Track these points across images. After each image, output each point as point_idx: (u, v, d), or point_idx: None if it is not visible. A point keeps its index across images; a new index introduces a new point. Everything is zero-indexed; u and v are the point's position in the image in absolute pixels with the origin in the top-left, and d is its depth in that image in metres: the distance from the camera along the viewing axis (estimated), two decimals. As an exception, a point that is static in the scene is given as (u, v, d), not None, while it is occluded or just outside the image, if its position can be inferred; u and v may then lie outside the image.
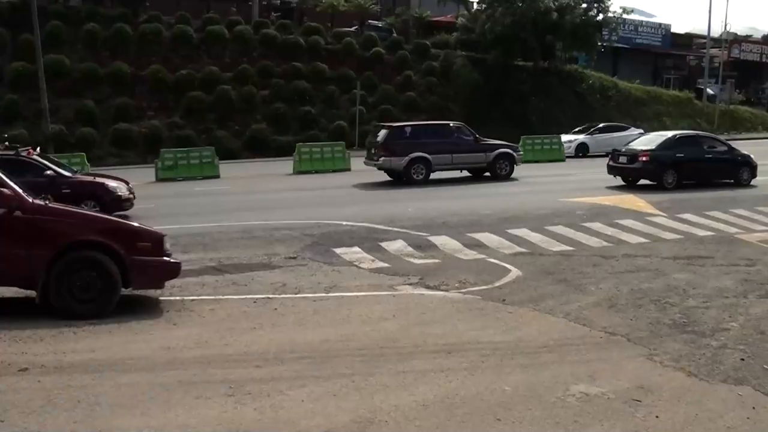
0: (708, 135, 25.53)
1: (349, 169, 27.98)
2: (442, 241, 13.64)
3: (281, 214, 16.74)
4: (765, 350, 7.89)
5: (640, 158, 21.05)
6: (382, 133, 23.80)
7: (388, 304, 9.50)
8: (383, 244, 13.36)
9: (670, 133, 23.33)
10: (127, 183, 17.48)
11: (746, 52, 64.95)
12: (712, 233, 14.61)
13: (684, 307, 9.48)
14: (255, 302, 9.55)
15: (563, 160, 31.50)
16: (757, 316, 9.18)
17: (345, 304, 9.50)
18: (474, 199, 19.11)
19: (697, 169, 21.32)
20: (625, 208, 17.34)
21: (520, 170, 25.72)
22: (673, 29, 62.12)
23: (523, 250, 12.97)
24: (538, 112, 41.03)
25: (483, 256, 12.53)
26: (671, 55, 61.36)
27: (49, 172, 15.86)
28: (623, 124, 36.83)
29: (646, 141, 22.69)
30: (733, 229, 15.01)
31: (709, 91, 52.34)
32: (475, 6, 48.70)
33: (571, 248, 13.12)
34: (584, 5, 43.58)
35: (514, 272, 11.27)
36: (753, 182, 21.64)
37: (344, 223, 15.48)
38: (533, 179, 24.14)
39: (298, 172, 27.44)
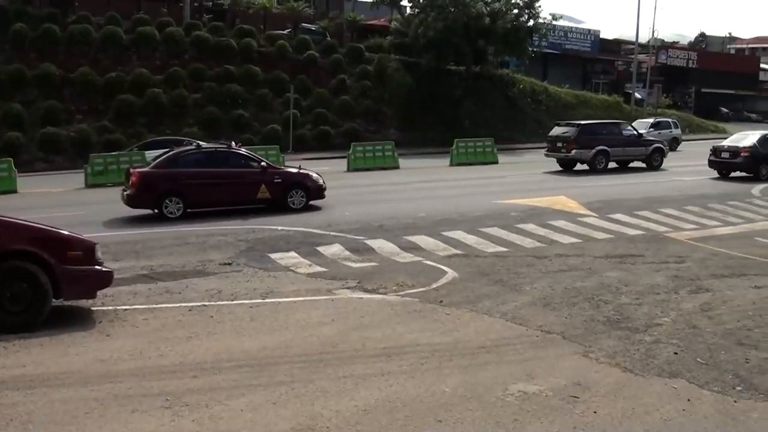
0: None
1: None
2: (379, 244, 13.65)
3: (215, 220, 16.48)
4: (697, 344, 8.16)
5: (741, 154, 24.25)
6: (572, 129, 27.39)
7: (326, 309, 9.45)
8: (320, 249, 13.28)
9: (758, 133, 26.02)
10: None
11: (673, 58, 67.31)
12: (643, 232, 15.01)
13: (617, 304, 9.72)
14: (190, 310, 9.38)
15: (496, 162, 31.94)
16: (689, 311, 9.49)
17: (282, 310, 9.41)
18: (409, 202, 19.19)
19: None
20: (557, 209, 17.68)
21: (454, 172, 26.03)
22: (602, 35, 64.00)
23: (458, 251, 13.08)
24: (470, 116, 41.51)
25: (419, 258, 12.59)
26: (600, 61, 63.04)
27: (263, 163, 17.94)
28: None
29: (738, 139, 26.02)
30: (663, 228, 15.45)
31: (637, 95, 53.99)
32: (408, 10, 49.02)
33: (506, 249, 13.29)
34: (515, 11, 44.31)
35: (451, 274, 11.36)
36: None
37: (279, 227, 15.35)
38: (467, 182, 24.41)
39: (231, 176, 27.08)
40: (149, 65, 37.08)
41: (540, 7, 45.26)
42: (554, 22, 49.62)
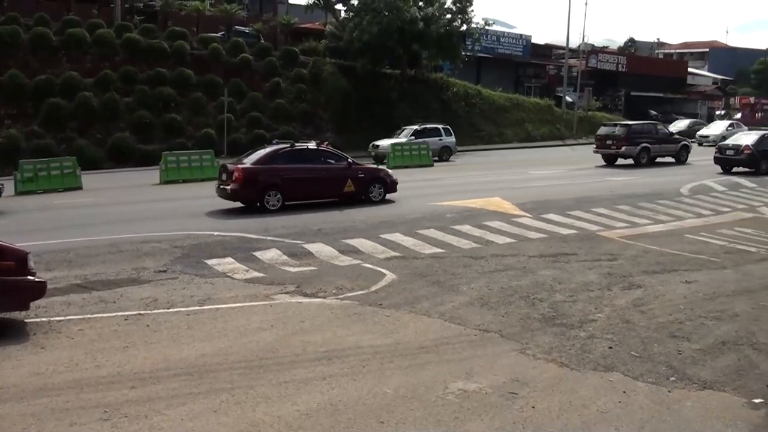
0: None
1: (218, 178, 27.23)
2: (317, 248, 13.61)
3: (149, 226, 16.15)
4: (631, 338, 8.43)
5: (744, 152, 27.21)
6: (621, 129, 31.41)
7: (265, 315, 9.40)
8: (257, 254, 13.17)
9: (756, 133, 29.35)
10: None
11: (603, 62, 68.91)
12: (575, 231, 15.36)
13: (552, 301, 9.95)
14: (126, 320, 9.19)
15: (431, 165, 32.24)
16: (621, 306, 9.78)
17: (220, 317, 9.31)
18: (347, 205, 19.18)
19: None
20: (492, 210, 17.93)
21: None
22: (534, 40, 65.06)
23: (396, 254, 13.16)
24: (405, 119, 41.64)
25: (358, 261, 12.61)
26: (532, 65, 64.09)
27: (349, 160, 19.68)
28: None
29: (739, 138, 29.18)
30: (595, 227, 15.84)
31: (568, 98, 55.09)
32: (343, 14, 49.00)
33: (443, 250, 13.43)
34: (449, 16, 44.72)
35: (390, 276, 11.43)
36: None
37: (215, 233, 15.14)
38: (403, 184, 24.39)
39: (165, 181, 26.57)
40: (80, 68, 36.05)
41: (472, 12, 45.77)
42: (487, 27, 50.32)
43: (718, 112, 78.49)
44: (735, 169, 27.45)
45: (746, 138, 28.46)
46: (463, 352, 7.90)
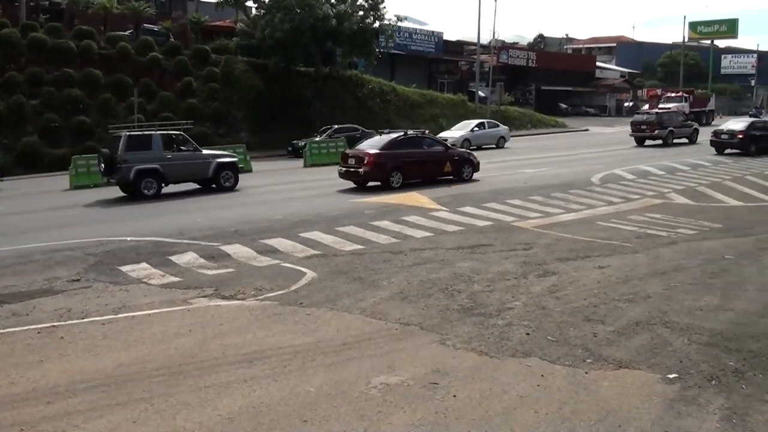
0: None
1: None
2: (234, 249, 13.41)
3: (60, 234, 15.59)
4: (547, 323, 8.65)
5: (738, 136, 30.95)
6: (652, 116, 39.00)
7: (183, 320, 9.19)
8: (173, 258, 12.86)
9: (746, 120, 34.92)
10: None
11: (513, 58, 70.58)
12: (491, 223, 15.64)
13: (470, 292, 10.10)
14: (39, 332, 8.82)
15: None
16: (538, 293, 10.02)
17: (137, 325, 9.05)
18: (265, 205, 19.03)
19: (764, 138, 31.16)
20: (409, 205, 18.07)
21: (309, 173, 26.02)
22: (446, 37, 66.04)
23: (316, 252, 13.10)
24: (321, 116, 41.61)
25: (277, 261, 12.49)
26: (444, 61, 65.03)
27: (447, 144, 24.58)
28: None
29: (732, 124, 32.84)
30: (510, 218, 16.16)
31: (481, 93, 56.11)
32: (254, 11, 48.42)
33: (363, 247, 13.46)
34: (361, 13, 44.83)
35: (310, 275, 11.36)
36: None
37: (129, 238, 14.71)
38: (322, 182, 24.48)
39: (75, 187, 25.71)
40: (-17, 70, 34.56)
41: (385, 9, 46.08)
42: (399, 24, 50.70)
43: (626, 104, 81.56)
44: (727, 151, 31.39)
45: (738, 125, 32.42)
46: (385, 347, 7.93)
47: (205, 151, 23.38)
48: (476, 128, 40.26)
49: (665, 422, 6.04)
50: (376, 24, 45.98)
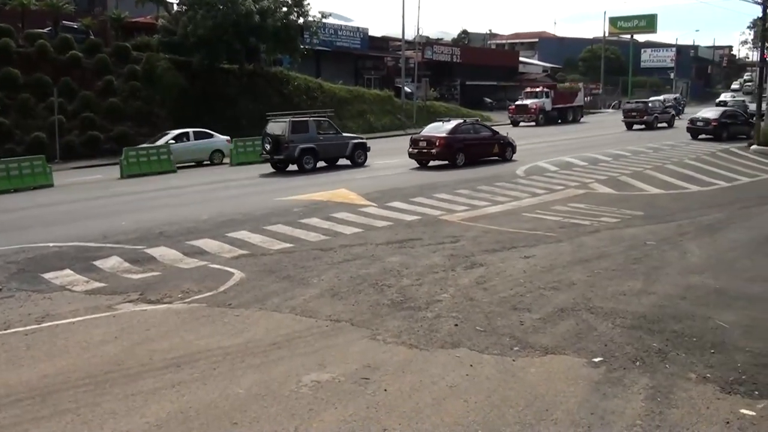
0: (738, 108, 42.82)
1: (51, 185, 25.68)
2: (160, 252, 13.13)
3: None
4: (475, 314, 8.78)
5: (712, 123, 34.54)
6: (641, 105, 46.16)
7: (108, 326, 8.95)
8: (97, 263, 12.48)
9: (720, 109, 39.76)
10: None
11: (438, 54, 71.13)
12: (419, 217, 15.76)
13: (400, 286, 10.17)
14: (-44, 346, 8.45)
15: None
16: (465, 285, 10.16)
17: (61, 334, 8.76)
18: (191, 205, 18.69)
19: (734, 125, 34.80)
20: (338, 201, 18.05)
21: (236, 172, 25.64)
22: (371, 33, 65.90)
23: (244, 252, 12.95)
24: (247, 114, 41.07)
25: (205, 262, 12.29)
26: (370, 57, 65.03)
27: (493, 129, 28.87)
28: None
29: (707, 112, 36.99)
30: (437, 212, 16.33)
31: (407, 89, 56.27)
32: (176, 7, 47.40)
33: (292, 245, 13.37)
34: (284, 9, 44.38)
35: (238, 275, 11.23)
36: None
37: (51, 244, 14.19)
38: (249, 181, 24.26)
39: (-10, 193, 24.70)
40: None
41: (308, 5, 45.75)
42: (324, 20, 50.47)
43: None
44: (701, 137, 34.73)
45: (712, 114, 36.34)
46: (315, 344, 7.91)
47: (344, 134, 28.84)
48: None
49: (591, 404, 6.21)
50: (301, 20, 45.61)
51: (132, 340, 8.39)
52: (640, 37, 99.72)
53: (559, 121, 53.96)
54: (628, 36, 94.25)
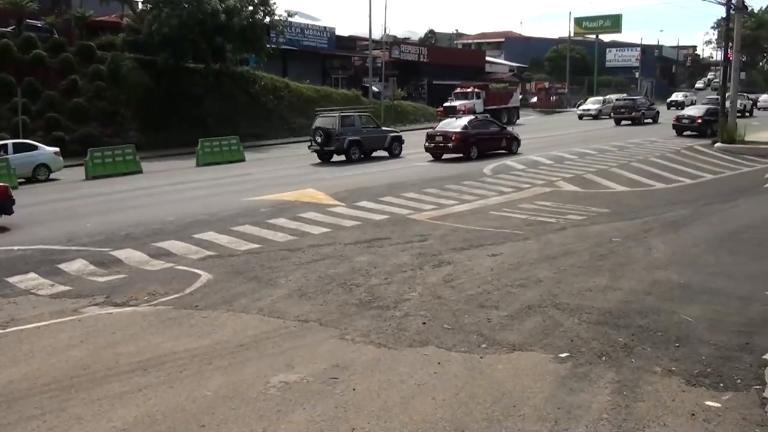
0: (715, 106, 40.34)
1: (16, 187, 25.13)
2: (126, 254, 12.97)
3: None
4: (443, 312, 8.84)
5: (697, 120, 35.52)
6: (630, 102, 49.02)
7: (74, 330, 8.84)
8: (62, 266, 12.30)
9: (705, 106, 39.98)
10: None
11: (405, 53, 71.15)
12: (388, 216, 15.78)
13: (368, 286, 10.18)
14: None
15: (243, 160, 31.76)
16: (433, 283, 10.20)
17: (26, 338, 8.63)
18: (156, 207, 18.50)
19: (716, 122, 33.46)
20: (306, 201, 17.99)
21: (202, 173, 25.41)
22: (338, 32, 65.72)
23: (211, 253, 12.85)
24: (213, 114, 40.78)
25: (171, 264, 12.18)
26: (337, 56, 64.85)
27: (502, 124, 32.00)
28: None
29: (691, 109, 39.61)
30: (406, 211, 16.35)
31: (374, 88, 56.28)
32: (141, 6, 46.87)
33: (259, 245, 13.30)
34: (250, 8, 44.10)
35: (205, 276, 11.15)
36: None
37: (16, 247, 13.94)
38: (215, 181, 24.05)
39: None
40: None
41: (275, 4, 45.56)
42: (290, 19, 50.28)
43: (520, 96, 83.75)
44: (686, 133, 35.37)
45: (696, 111, 37.86)
46: (284, 345, 7.89)
47: (383, 128, 31.72)
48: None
49: (558, 399, 6.28)
50: (267, 19, 45.40)
51: (98, 343, 8.29)
52: (605, 37, 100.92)
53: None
54: (594, 36, 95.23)
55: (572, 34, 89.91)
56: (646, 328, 8.10)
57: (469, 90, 52.90)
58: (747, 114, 53.06)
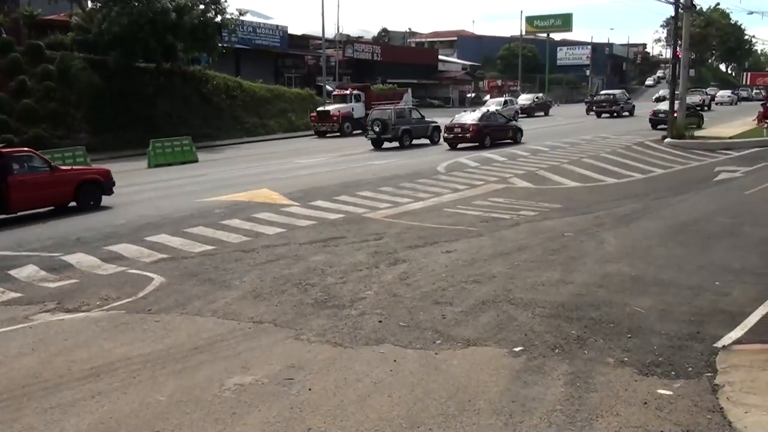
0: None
1: (196, 161, 24.46)
2: (77, 259, 12.73)
3: None
4: (399, 310, 8.88)
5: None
6: (610, 97, 54.05)
7: (24, 338, 8.65)
8: (12, 272, 12.01)
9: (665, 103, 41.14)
10: None
11: (359, 52, 71.32)
12: (343, 215, 15.76)
13: (324, 285, 10.17)
14: None
15: (196, 161, 31.40)
16: (389, 281, 10.24)
17: (-25, 348, 8.42)
18: (107, 210, 18.19)
19: (688, 116, 35.02)
20: (260, 201, 17.85)
21: (153, 174, 25.03)
22: (291, 31, 65.40)
23: (164, 256, 12.69)
24: (165, 115, 40.25)
25: (123, 268, 11.99)
26: (290, 55, 64.57)
27: (507, 117, 36.01)
28: None
29: (663, 105, 39.45)
30: (361, 210, 16.35)
31: (328, 87, 56.14)
32: (90, 4, 45.99)
33: (213, 247, 13.18)
34: (201, 6, 43.60)
35: (158, 280, 11.01)
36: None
37: (-38, 254, 13.63)
38: (167, 182, 23.73)
39: None
40: None
41: (226, 2, 45.10)
42: (242, 18, 49.90)
43: (468, 95, 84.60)
44: (660, 126, 36.29)
45: (663, 106, 38.45)
46: (238, 347, 7.84)
47: (426, 119, 35.61)
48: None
49: (513, 392, 6.37)
50: (218, 18, 44.93)
51: (50, 351, 8.14)
52: (556, 36, 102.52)
53: None
54: (545, 34, 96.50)
55: (524, 33, 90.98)
56: (598, 320, 8.26)
57: (347, 91, 47.17)
58: (706, 108, 55.34)
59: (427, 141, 34.32)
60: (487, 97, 68.65)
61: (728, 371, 6.68)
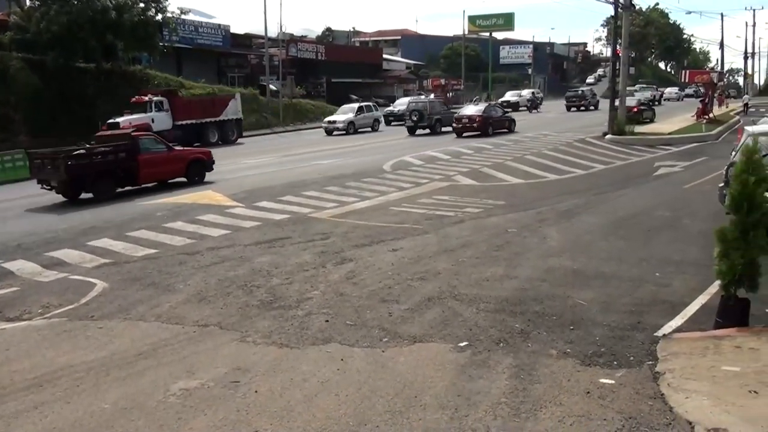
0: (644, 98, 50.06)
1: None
2: (18, 265, 12.43)
3: None
4: (346, 309, 8.91)
5: (633, 110, 38.15)
6: (580, 93, 61.55)
7: (-36, 349, 8.39)
8: (-52, 282, 11.67)
9: (636, 98, 45.75)
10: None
11: (303, 51, 70.84)
12: (288, 216, 15.70)
13: (269, 286, 10.13)
14: None
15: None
16: (336, 281, 10.25)
17: None
18: (47, 214, 17.78)
19: (647, 111, 42.28)
20: (204, 203, 17.69)
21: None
22: (233, 30, 64.64)
23: (106, 260, 12.46)
24: (105, 116, 39.37)
25: (65, 274, 11.74)
26: (233, 55, 63.82)
27: (503, 109, 43.32)
28: None
29: (631, 101, 40.18)
30: (307, 209, 16.31)
31: (272, 87, 55.74)
32: (28, 3, 44.81)
33: (156, 251, 13.00)
34: (142, 5, 42.88)
35: (100, 285, 10.82)
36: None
37: None
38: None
39: None
40: None
41: (167, 1, 44.46)
42: (183, 17, 49.19)
43: (417, 95, 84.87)
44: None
45: (630, 101, 39.59)
46: (183, 351, 7.76)
47: (452, 108, 43.81)
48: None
49: (458, 387, 6.46)
50: (159, 17, 44.25)
51: (-10, 361, 7.93)
52: (499, 35, 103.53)
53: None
54: (487, 34, 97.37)
55: (467, 32, 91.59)
56: (541, 314, 8.41)
57: (146, 98, 37.33)
58: (657, 103, 59.29)
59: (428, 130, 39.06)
60: (476, 97, 71.29)
61: (669, 359, 6.86)
